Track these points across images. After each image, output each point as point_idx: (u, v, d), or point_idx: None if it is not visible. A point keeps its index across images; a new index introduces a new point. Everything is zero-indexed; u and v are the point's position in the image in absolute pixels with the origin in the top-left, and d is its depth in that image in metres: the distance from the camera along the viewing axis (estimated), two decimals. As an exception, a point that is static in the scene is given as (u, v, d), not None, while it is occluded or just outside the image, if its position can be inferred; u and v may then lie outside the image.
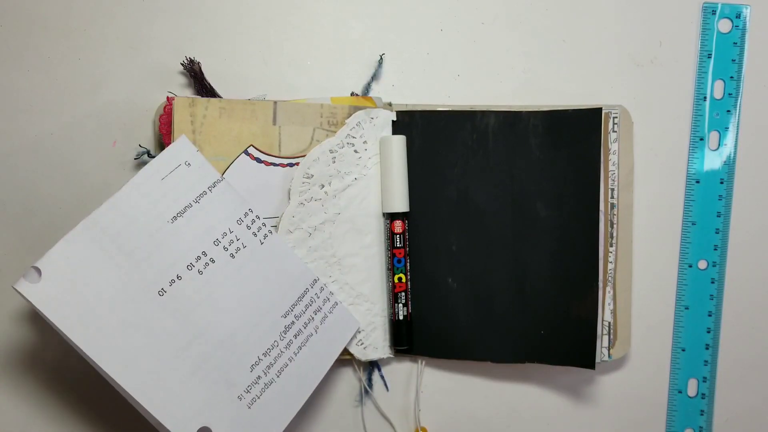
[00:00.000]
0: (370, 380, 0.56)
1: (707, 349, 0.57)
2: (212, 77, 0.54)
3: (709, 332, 0.57)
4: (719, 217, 0.57)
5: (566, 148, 0.54)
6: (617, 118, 0.55)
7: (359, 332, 0.54)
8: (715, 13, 0.57)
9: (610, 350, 0.55)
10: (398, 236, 0.54)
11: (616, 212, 0.55)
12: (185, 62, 0.53)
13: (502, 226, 0.55)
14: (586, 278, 0.54)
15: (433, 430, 0.57)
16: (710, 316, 0.57)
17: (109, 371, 0.42)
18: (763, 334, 0.58)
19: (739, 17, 0.57)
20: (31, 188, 0.53)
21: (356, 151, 0.54)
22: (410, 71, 0.56)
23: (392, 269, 0.54)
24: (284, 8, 0.56)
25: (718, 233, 0.57)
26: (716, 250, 0.57)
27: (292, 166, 0.53)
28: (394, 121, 0.55)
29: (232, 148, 0.52)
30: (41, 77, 0.53)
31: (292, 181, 0.52)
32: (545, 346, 0.54)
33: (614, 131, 0.55)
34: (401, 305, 0.54)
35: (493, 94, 0.57)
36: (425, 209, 0.55)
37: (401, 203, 0.54)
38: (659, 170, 0.57)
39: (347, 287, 0.54)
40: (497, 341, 0.55)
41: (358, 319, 0.54)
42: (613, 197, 0.55)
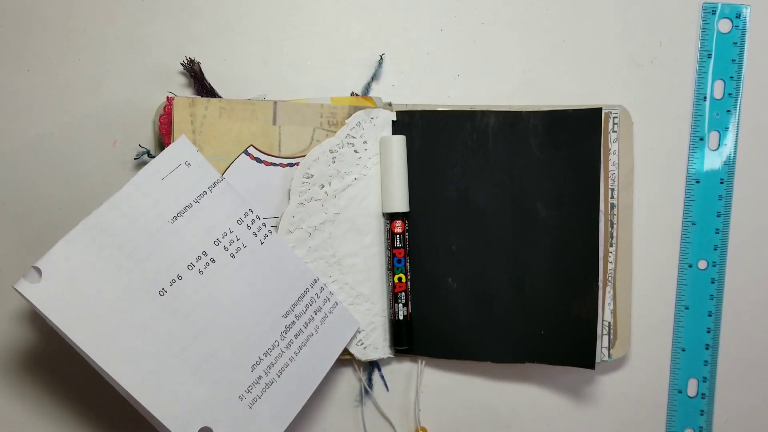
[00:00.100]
0: (370, 380, 0.56)
1: (707, 349, 0.57)
2: (212, 77, 0.54)
3: (709, 332, 0.57)
4: (719, 217, 0.57)
5: (566, 148, 0.54)
6: (617, 118, 0.55)
7: (359, 332, 0.54)
8: (715, 13, 0.57)
9: (610, 350, 0.55)
10: (398, 236, 0.54)
11: (616, 212, 0.55)
12: (185, 62, 0.53)
13: (502, 226, 0.55)
14: (586, 278, 0.54)
15: (433, 430, 0.57)
16: (710, 316, 0.57)
17: (109, 371, 0.42)
18: (763, 334, 0.58)
19: (739, 17, 0.57)
20: (31, 188, 0.53)
21: (356, 151, 0.54)
22: (410, 71, 0.56)
23: (392, 269, 0.54)
24: (284, 8, 0.56)
25: (718, 233, 0.57)
26: (716, 250, 0.57)
27: (292, 166, 0.53)
28: (394, 121, 0.55)
29: (232, 148, 0.52)
30: (41, 77, 0.53)
31: (292, 181, 0.52)
32: (545, 346, 0.54)
33: (614, 131, 0.55)
34: (401, 305, 0.54)
35: (493, 94, 0.57)
36: (425, 209, 0.55)
37: (401, 203, 0.54)
38: (659, 170, 0.57)
39: (347, 287, 0.54)
40: (497, 341, 0.55)
41: (358, 319, 0.54)
42: (613, 197, 0.55)
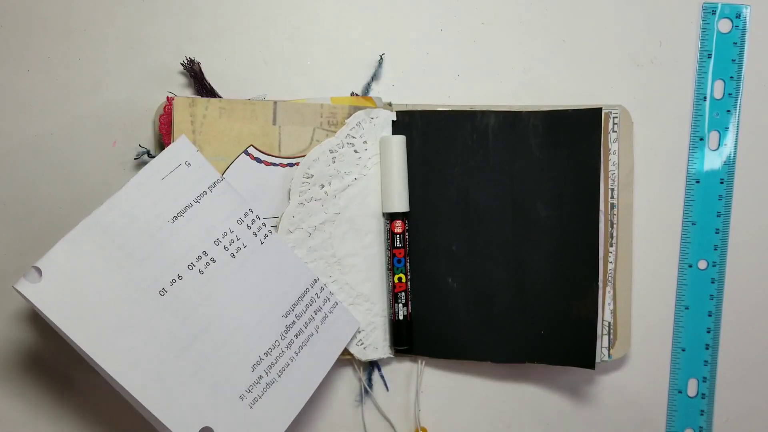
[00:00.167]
0: (370, 380, 0.56)
1: (707, 349, 0.57)
2: (212, 77, 0.54)
3: (709, 332, 0.57)
4: (719, 217, 0.57)
5: (566, 148, 0.54)
6: (617, 118, 0.55)
7: (359, 332, 0.54)
8: (715, 13, 0.57)
9: (610, 350, 0.55)
10: (398, 236, 0.54)
11: (616, 212, 0.55)
12: (185, 62, 0.53)
13: (502, 226, 0.55)
14: (586, 278, 0.54)
15: (433, 430, 0.57)
16: (710, 316, 0.57)
17: (110, 371, 0.42)
18: (763, 334, 0.58)
19: (739, 17, 0.57)
20: (31, 188, 0.53)
21: (356, 151, 0.54)
22: (410, 71, 0.56)
23: (392, 269, 0.54)
24: (284, 8, 0.56)
25: (718, 233, 0.57)
26: (716, 250, 0.57)
27: (292, 166, 0.53)
28: (394, 121, 0.55)
29: (232, 148, 0.52)
30: (41, 77, 0.53)
31: (292, 181, 0.52)
32: (545, 346, 0.54)
33: (614, 131, 0.55)
34: (401, 305, 0.54)
35: (493, 94, 0.57)
36: (425, 209, 0.55)
37: (401, 203, 0.54)
38: (659, 170, 0.57)
39: (347, 287, 0.54)
40: (497, 341, 0.55)
41: (358, 319, 0.54)
42: (613, 197, 0.55)
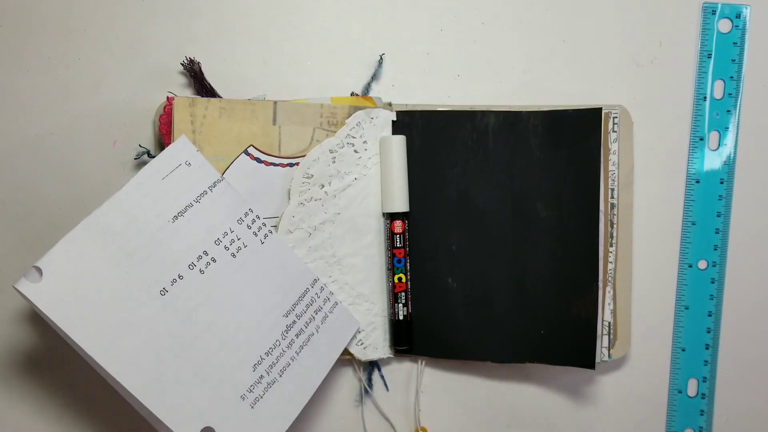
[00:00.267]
0: (370, 380, 0.56)
1: (707, 349, 0.57)
2: (212, 77, 0.54)
3: (709, 332, 0.57)
4: (719, 217, 0.57)
5: (566, 148, 0.54)
6: (617, 118, 0.55)
7: (359, 332, 0.54)
8: (715, 13, 0.57)
9: (610, 350, 0.55)
10: (398, 236, 0.53)
11: (616, 212, 0.55)
12: (185, 62, 0.53)
13: (502, 226, 0.55)
14: (586, 278, 0.54)
15: (433, 430, 0.57)
16: (710, 316, 0.57)
17: (110, 371, 0.42)
18: (763, 334, 0.58)
19: (739, 17, 0.57)
20: (31, 188, 0.53)
21: (356, 151, 0.54)
22: (410, 71, 0.56)
23: (392, 269, 0.54)
24: (284, 8, 0.56)
25: (718, 233, 0.57)
26: (716, 250, 0.57)
27: (292, 166, 0.53)
28: (394, 121, 0.55)
29: (232, 148, 0.52)
30: (41, 77, 0.53)
31: (292, 181, 0.52)
32: (545, 346, 0.54)
33: (614, 131, 0.55)
34: (401, 305, 0.54)
35: (493, 94, 0.57)
36: (425, 209, 0.55)
37: (401, 203, 0.54)
38: (659, 170, 0.57)
39: (347, 287, 0.54)
40: (497, 341, 0.55)
41: (358, 319, 0.54)
42: (613, 197, 0.55)
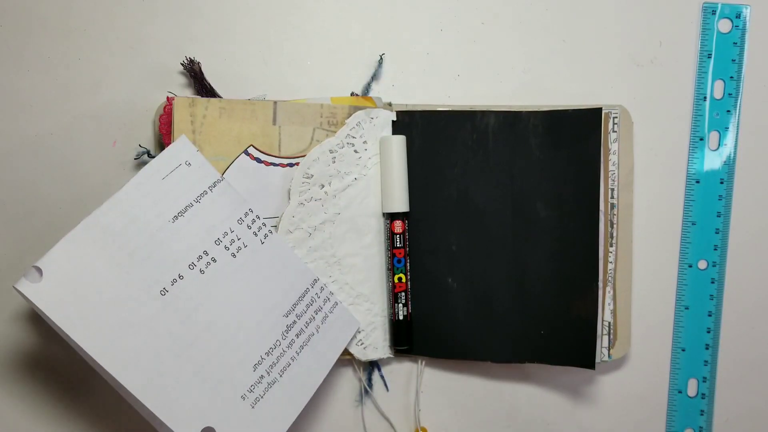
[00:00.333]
0: (370, 380, 0.56)
1: (707, 349, 0.57)
2: (212, 77, 0.54)
3: (709, 332, 0.57)
4: (719, 217, 0.57)
5: (566, 148, 0.54)
6: (617, 118, 0.55)
7: (359, 332, 0.54)
8: (715, 13, 0.57)
9: (610, 350, 0.55)
10: (398, 236, 0.53)
11: (616, 212, 0.55)
12: (185, 62, 0.53)
13: (502, 226, 0.55)
14: (586, 278, 0.54)
15: (433, 430, 0.57)
16: (710, 316, 0.57)
17: (111, 371, 0.42)
18: (763, 334, 0.58)
19: (739, 17, 0.57)
20: (31, 188, 0.53)
21: (356, 151, 0.54)
22: (410, 71, 0.56)
23: (392, 269, 0.54)
24: (284, 8, 0.56)
25: (718, 233, 0.57)
26: (716, 250, 0.57)
27: (292, 166, 0.53)
28: (394, 121, 0.55)
29: (232, 148, 0.52)
30: (41, 77, 0.53)
31: (292, 181, 0.52)
32: (545, 346, 0.54)
33: (614, 131, 0.55)
34: (401, 305, 0.54)
35: (493, 94, 0.57)
36: (425, 209, 0.55)
37: (401, 203, 0.54)
38: (659, 170, 0.57)
39: (347, 287, 0.54)
40: (497, 341, 0.55)
41: (358, 319, 0.54)
42: (613, 197, 0.55)
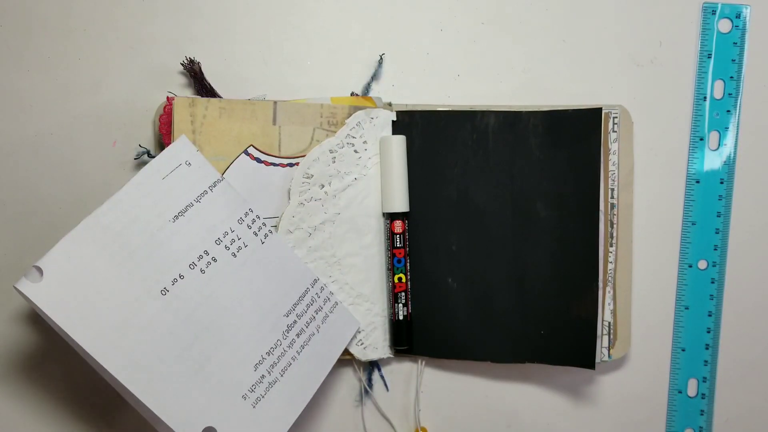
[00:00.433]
0: (370, 380, 0.56)
1: (707, 349, 0.57)
2: (212, 77, 0.54)
3: (709, 332, 0.57)
4: (719, 217, 0.57)
5: (566, 148, 0.54)
6: (617, 118, 0.55)
7: (359, 332, 0.54)
8: (715, 13, 0.57)
9: (610, 350, 0.55)
10: (398, 236, 0.53)
11: (616, 212, 0.55)
12: (185, 62, 0.53)
13: (502, 226, 0.55)
14: (586, 278, 0.54)
15: (433, 430, 0.56)
16: (710, 316, 0.57)
17: (111, 371, 0.42)
18: (763, 334, 0.58)
19: (739, 17, 0.57)
20: (31, 188, 0.53)
21: (356, 151, 0.54)
22: (410, 71, 0.56)
23: (392, 269, 0.54)
24: (284, 8, 0.56)
25: (718, 233, 0.57)
26: (716, 250, 0.57)
27: (292, 166, 0.53)
28: (394, 121, 0.55)
29: (232, 148, 0.52)
30: (41, 77, 0.53)
31: (292, 181, 0.52)
32: (545, 346, 0.54)
33: (614, 131, 0.55)
34: (401, 305, 0.54)
35: (493, 94, 0.57)
36: (425, 209, 0.55)
37: (401, 203, 0.54)
38: (659, 170, 0.57)
39: (347, 287, 0.54)
40: (497, 341, 0.55)
41: (358, 319, 0.54)
42: (613, 197, 0.55)
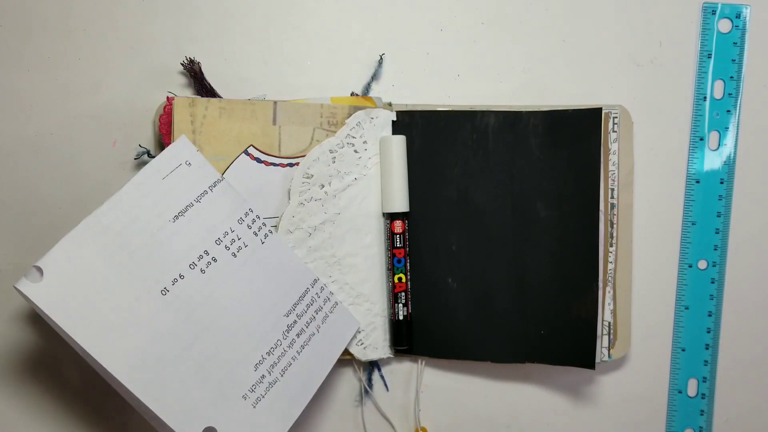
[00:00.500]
0: (370, 380, 0.56)
1: (707, 349, 0.57)
2: (212, 77, 0.54)
3: (709, 332, 0.57)
4: (719, 217, 0.57)
5: (566, 148, 0.54)
6: (617, 118, 0.55)
7: (359, 332, 0.54)
8: (715, 13, 0.57)
9: (610, 350, 0.55)
10: (398, 236, 0.53)
11: (616, 212, 0.55)
12: (185, 62, 0.53)
13: (502, 226, 0.55)
14: (586, 278, 0.54)
15: (433, 430, 0.56)
16: (710, 316, 0.57)
17: (112, 371, 0.42)
18: (763, 334, 0.58)
19: (739, 17, 0.57)
20: (31, 188, 0.53)
21: (356, 151, 0.54)
22: (410, 71, 0.56)
23: (392, 269, 0.54)
24: (284, 8, 0.56)
25: (718, 233, 0.57)
26: (716, 250, 0.57)
27: (292, 166, 0.53)
28: (394, 121, 0.55)
29: (232, 148, 0.52)
30: (41, 77, 0.53)
31: (292, 181, 0.52)
32: (545, 346, 0.54)
33: (614, 131, 0.55)
34: (401, 305, 0.54)
35: (493, 94, 0.57)
36: (425, 209, 0.55)
37: (401, 203, 0.54)
38: (659, 170, 0.57)
39: (347, 287, 0.54)
40: (497, 341, 0.55)
41: (358, 319, 0.54)
42: (613, 197, 0.55)
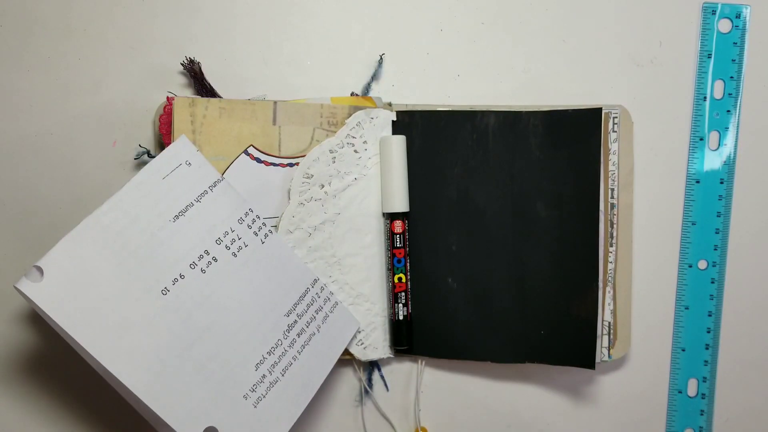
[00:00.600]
0: (370, 380, 0.56)
1: (707, 349, 0.57)
2: (212, 77, 0.54)
3: (709, 332, 0.57)
4: (719, 217, 0.57)
5: (566, 148, 0.54)
6: (617, 118, 0.55)
7: (359, 332, 0.54)
8: (715, 13, 0.57)
9: (610, 350, 0.55)
10: (398, 236, 0.53)
11: (616, 212, 0.55)
12: (185, 62, 0.53)
13: (502, 225, 0.55)
14: (586, 278, 0.54)
15: (433, 430, 0.57)
16: (710, 316, 0.57)
17: (112, 370, 0.42)
18: (763, 334, 0.58)
19: (739, 17, 0.57)
20: (31, 188, 0.53)
21: (356, 151, 0.54)
22: (410, 71, 0.56)
23: (392, 269, 0.54)
24: (284, 8, 0.56)
25: (718, 233, 0.57)
26: (716, 250, 0.57)
27: (292, 166, 0.53)
28: (394, 121, 0.55)
29: (232, 148, 0.52)
30: (41, 77, 0.53)
31: (292, 181, 0.52)
32: (545, 346, 0.54)
33: (614, 131, 0.55)
34: (401, 305, 0.54)
35: (493, 94, 0.57)
36: (425, 209, 0.55)
37: (401, 203, 0.54)
38: (659, 170, 0.57)
39: (347, 287, 0.54)
40: (497, 341, 0.55)
41: (358, 319, 0.54)
42: (613, 197, 0.55)
